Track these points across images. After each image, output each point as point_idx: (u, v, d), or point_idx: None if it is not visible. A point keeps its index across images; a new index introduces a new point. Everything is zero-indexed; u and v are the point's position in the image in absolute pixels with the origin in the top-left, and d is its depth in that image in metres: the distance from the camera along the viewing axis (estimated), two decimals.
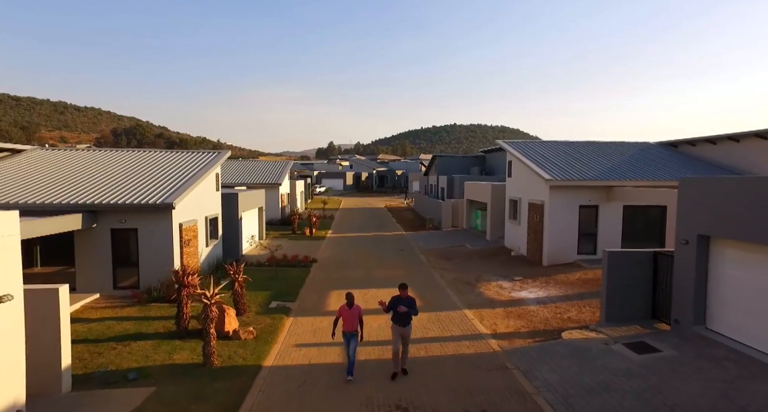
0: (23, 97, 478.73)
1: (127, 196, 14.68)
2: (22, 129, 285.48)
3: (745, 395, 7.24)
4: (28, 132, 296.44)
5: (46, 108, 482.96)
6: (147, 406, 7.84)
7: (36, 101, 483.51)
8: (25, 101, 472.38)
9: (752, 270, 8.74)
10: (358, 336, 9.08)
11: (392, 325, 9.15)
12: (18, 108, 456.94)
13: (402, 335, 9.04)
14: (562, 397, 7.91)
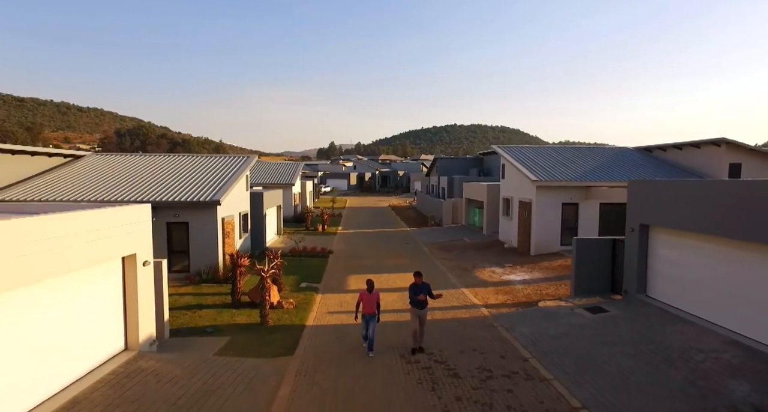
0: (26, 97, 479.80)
1: (180, 195, 17.58)
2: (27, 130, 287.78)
3: (656, 332, 10.17)
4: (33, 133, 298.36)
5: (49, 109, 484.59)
6: (228, 347, 10.74)
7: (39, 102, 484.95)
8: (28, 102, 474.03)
9: (677, 250, 11.64)
10: (376, 318, 10.32)
11: (411, 308, 10.51)
12: (21, 108, 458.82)
13: (419, 316, 10.31)
14: (531, 341, 10.81)
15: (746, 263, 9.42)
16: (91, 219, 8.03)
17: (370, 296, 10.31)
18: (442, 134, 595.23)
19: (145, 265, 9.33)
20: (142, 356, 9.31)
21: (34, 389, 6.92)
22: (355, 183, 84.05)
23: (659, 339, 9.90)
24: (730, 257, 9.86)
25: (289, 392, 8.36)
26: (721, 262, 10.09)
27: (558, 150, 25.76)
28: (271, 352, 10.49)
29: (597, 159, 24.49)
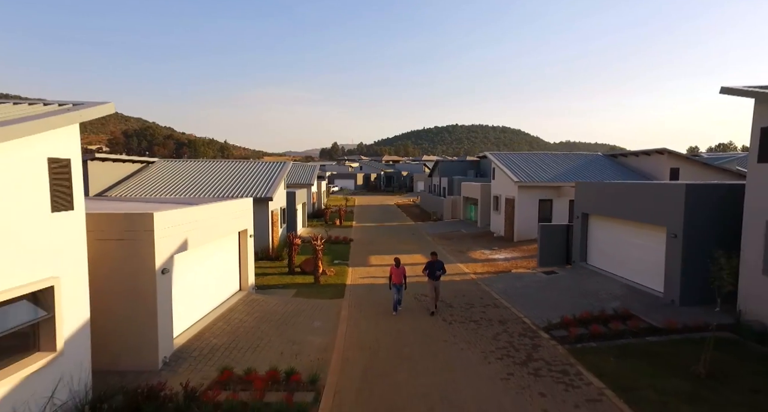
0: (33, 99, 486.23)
1: (242, 192, 22.84)
2: None
3: (582, 283, 15.45)
4: None
5: None
6: (298, 294, 15.96)
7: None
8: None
9: (602, 230, 16.87)
10: (403, 286, 13.34)
11: (428, 280, 13.52)
12: None
13: (435, 286, 13.36)
14: (502, 291, 16.04)
15: (634, 235, 14.66)
16: (230, 207, 13.32)
17: (397, 270, 13.32)
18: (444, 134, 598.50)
19: (250, 237, 14.60)
20: (250, 294, 14.59)
21: (207, 303, 12.19)
22: (361, 183, 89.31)
23: (582, 286, 15.15)
24: (627, 232, 15.10)
25: (347, 314, 13.60)
26: (623, 235, 15.33)
27: (539, 156, 30.98)
28: (328, 296, 15.76)
29: (570, 163, 29.69)
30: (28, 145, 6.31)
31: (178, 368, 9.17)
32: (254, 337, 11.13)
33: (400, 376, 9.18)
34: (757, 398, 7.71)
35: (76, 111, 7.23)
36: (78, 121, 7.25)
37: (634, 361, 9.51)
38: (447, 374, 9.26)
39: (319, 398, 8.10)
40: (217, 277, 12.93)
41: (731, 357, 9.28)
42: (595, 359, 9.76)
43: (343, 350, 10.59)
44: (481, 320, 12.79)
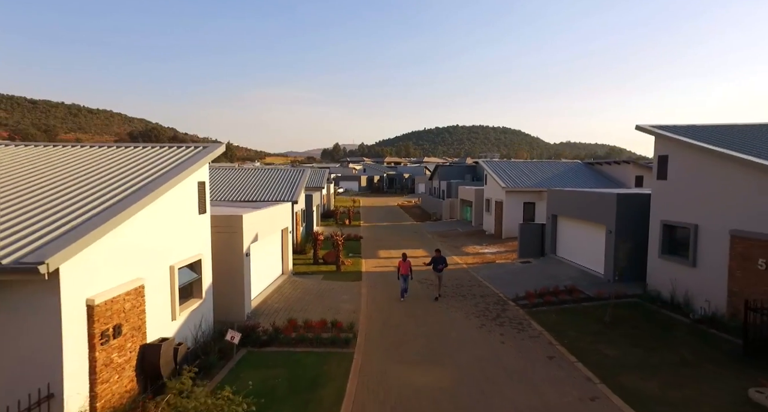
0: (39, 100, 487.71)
1: (271, 195, 27.17)
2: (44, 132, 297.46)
3: (548, 269, 19.82)
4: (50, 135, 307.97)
5: (60, 110, 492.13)
6: (325, 278, 20.31)
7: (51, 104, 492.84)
8: (41, 104, 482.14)
9: (567, 228, 21.20)
10: (409, 276, 16.54)
11: (433, 271, 16.86)
12: (35, 111, 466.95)
13: (439, 276, 16.77)
14: (487, 276, 20.38)
15: (586, 231, 19.01)
16: (278, 209, 17.70)
17: (404, 263, 16.43)
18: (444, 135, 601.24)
19: (290, 232, 18.96)
20: (290, 277, 18.97)
21: (265, 280, 16.55)
22: (365, 185, 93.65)
23: (548, 271, 19.53)
24: (582, 229, 19.45)
25: (366, 291, 17.94)
26: (579, 231, 19.68)
27: (525, 164, 35.34)
28: (350, 279, 20.12)
29: (552, 171, 34.02)
30: (191, 176, 10.69)
31: (257, 319, 13.52)
32: (302, 303, 15.50)
33: (408, 326, 13.55)
34: (633, 332, 12.10)
35: (209, 152, 11.60)
36: (210, 159, 11.60)
37: (568, 316, 13.88)
38: (439, 325, 13.62)
39: (355, 336, 12.46)
40: (269, 262, 17.30)
41: (630, 312, 13.64)
42: (542, 316, 14.13)
43: (366, 311, 14.96)
44: (467, 295, 17.15)
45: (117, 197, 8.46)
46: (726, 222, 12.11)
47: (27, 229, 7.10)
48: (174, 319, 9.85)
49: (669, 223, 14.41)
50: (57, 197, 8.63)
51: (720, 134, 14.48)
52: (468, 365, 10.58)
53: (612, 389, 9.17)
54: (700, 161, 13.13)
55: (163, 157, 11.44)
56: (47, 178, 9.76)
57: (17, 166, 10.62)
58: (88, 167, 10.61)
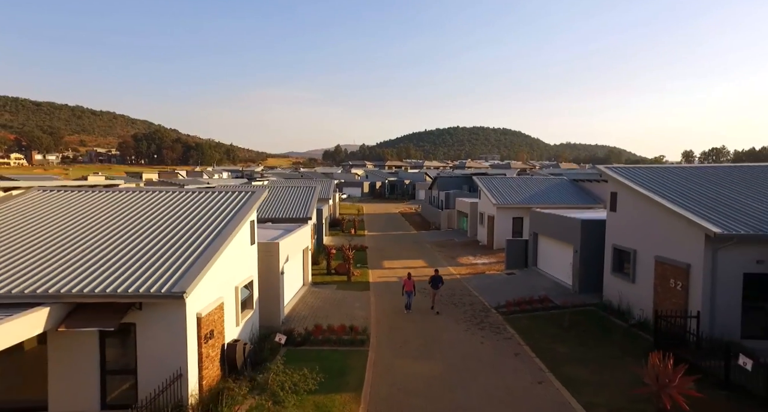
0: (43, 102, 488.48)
1: (285, 212, 30.72)
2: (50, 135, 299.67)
3: (529, 280, 23.41)
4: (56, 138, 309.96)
5: (64, 112, 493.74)
6: (339, 288, 23.88)
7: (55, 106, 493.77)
8: (45, 106, 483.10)
9: (545, 244, 24.78)
10: (413, 293, 19.37)
11: (431, 288, 19.86)
12: (39, 113, 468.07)
13: (436, 292, 19.75)
14: (475, 285, 23.95)
15: (560, 248, 22.58)
16: (302, 231, 21.29)
17: (408, 281, 19.39)
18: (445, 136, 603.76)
19: (310, 251, 22.55)
20: (311, 288, 22.57)
21: (292, 290, 20.14)
22: (367, 191, 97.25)
23: (528, 282, 23.11)
24: (556, 246, 23.01)
25: (374, 300, 21.51)
26: (554, 248, 23.25)
27: (515, 180, 38.96)
28: (359, 289, 23.69)
29: (540, 187, 37.58)
30: (248, 217, 14.29)
31: (289, 325, 17.10)
32: (323, 310, 19.09)
33: (409, 330, 17.13)
34: (583, 334, 15.70)
35: (257, 199, 15.19)
36: (258, 204, 15.18)
37: (536, 322, 17.46)
38: (434, 329, 17.21)
39: (368, 338, 16.03)
40: (295, 275, 20.89)
41: (585, 318, 17.22)
42: (516, 322, 17.70)
43: (376, 317, 18.54)
44: (458, 303, 20.73)
45: (208, 239, 12.07)
46: (652, 249, 15.70)
47: (162, 265, 10.71)
48: (237, 325, 13.45)
49: (617, 247, 18.00)
50: (165, 239, 12.23)
51: (662, 176, 18.05)
52: (454, 359, 14.17)
53: (555, 375, 12.76)
54: (636, 200, 16.72)
55: (220, 201, 15.04)
56: (149, 224, 13.36)
57: (119, 212, 14.23)
58: (172, 212, 14.21)
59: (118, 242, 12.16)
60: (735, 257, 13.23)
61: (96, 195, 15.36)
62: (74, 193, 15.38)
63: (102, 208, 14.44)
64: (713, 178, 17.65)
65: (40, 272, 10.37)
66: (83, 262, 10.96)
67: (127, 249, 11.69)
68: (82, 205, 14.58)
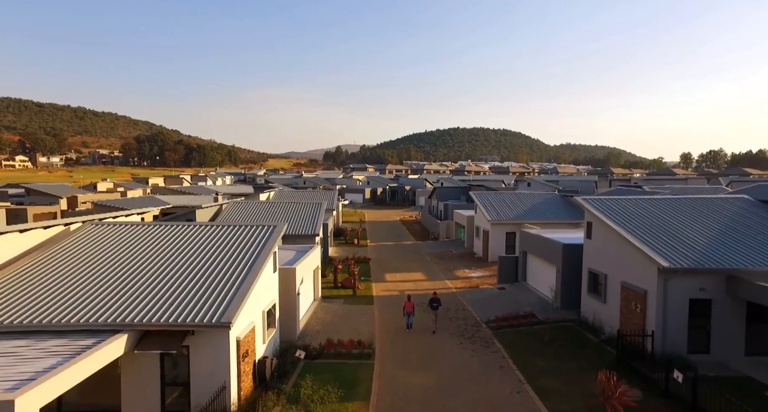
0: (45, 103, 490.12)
1: (296, 228, 33.19)
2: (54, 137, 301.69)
3: (518, 295, 25.93)
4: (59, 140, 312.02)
5: (67, 113, 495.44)
6: (345, 302, 26.35)
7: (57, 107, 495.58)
8: (47, 107, 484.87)
9: (533, 262, 27.27)
10: (413, 314, 21.31)
11: (429, 309, 21.58)
12: (42, 114, 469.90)
13: (435, 313, 21.32)
14: (470, 301, 26.43)
15: (545, 267, 25.07)
16: (314, 252, 23.80)
17: (409, 303, 21.39)
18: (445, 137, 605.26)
19: (320, 269, 25.06)
20: (321, 303, 25.07)
21: (305, 306, 22.65)
22: (369, 197, 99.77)
23: (516, 297, 25.61)
24: (543, 265, 25.50)
25: (378, 314, 24.00)
26: (541, 266, 25.75)
27: (509, 195, 41.48)
28: (364, 303, 26.17)
29: (532, 202, 40.06)
30: (272, 250, 16.78)
31: (305, 339, 19.58)
32: (333, 325, 21.58)
33: (409, 344, 19.62)
34: (560, 348, 18.18)
35: (279, 233, 17.68)
36: (276, 244, 17.67)
37: (521, 336, 19.95)
38: (431, 343, 19.70)
39: (374, 352, 18.51)
40: (307, 293, 23.39)
41: (563, 334, 19.69)
42: (503, 336, 20.18)
43: (380, 332, 21.03)
44: (453, 318, 23.21)
45: (243, 272, 14.58)
46: (619, 275, 18.20)
47: (209, 297, 13.21)
48: (264, 343, 15.95)
49: (592, 270, 20.50)
50: (208, 271, 14.73)
51: (630, 209, 20.51)
52: (447, 371, 16.68)
53: (532, 386, 15.26)
54: (607, 230, 19.21)
55: (248, 235, 17.54)
56: (191, 256, 15.86)
57: (163, 245, 16.72)
58: (208, 245, 16.71)
59: (168, 274, 14.67)
60: (682, 285, 15.73)
61: (142, 229, 17.86)
62: (122, 228, 17.88)
63: (149, 242, 16.94)
64: (674, 211, 20.13)
65: (115, 304, 12.88)
66: (146, 294, 13.47)
67: (178, 281, 14.20)
68: (131, 239, 17.07)
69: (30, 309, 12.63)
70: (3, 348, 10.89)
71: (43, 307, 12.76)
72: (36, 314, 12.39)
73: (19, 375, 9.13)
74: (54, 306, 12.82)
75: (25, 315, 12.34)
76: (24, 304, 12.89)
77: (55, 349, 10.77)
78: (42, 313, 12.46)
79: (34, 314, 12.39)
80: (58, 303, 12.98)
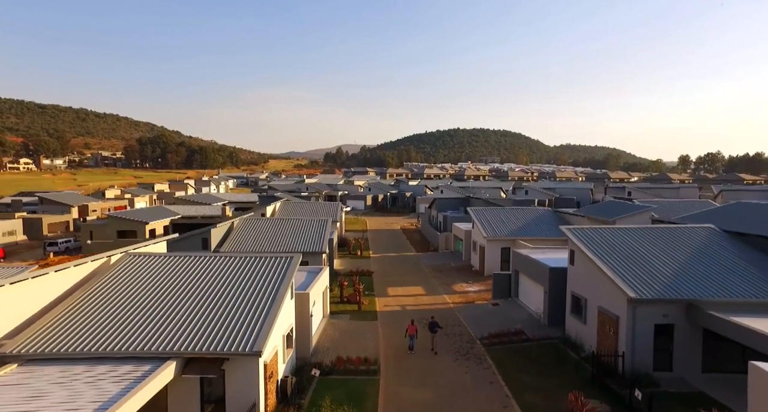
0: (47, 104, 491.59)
1: (303, 245, 35.52)
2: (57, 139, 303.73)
3: (510, 311, 28.27)
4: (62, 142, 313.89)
5: (68, 115, 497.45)
6: (352, 318, 28.69)
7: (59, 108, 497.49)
8: (49, 109, 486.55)
9: (524, 280, 29.62)
10: (415, 336, 22.97)
11: (430, 332, 23.30)
12: (44, 115, 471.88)
13: (434, 336, 23.12)
14: (467, 317, 28.76)
15: (535, 286, 27.41)
16: (324, 274, 26.16)
17: (411, 326, 23.23)
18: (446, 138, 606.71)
19: (328, 289, 27.40)
20: (330, 320, 27.43)
21: (316, 323, 25.00)
22: (370, 203, 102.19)
23: (508, 314, 27.96)
24: (533, 284, 27.84)
25: (382, 331, 26.34)
26: (531, 285, 28.09)
27: (504, 211, 43.84)
28: (369, 319, 28.50)
29: (526, 218, 42.41)
30: (291, 280, 19.12)
31: (317, 356, 21.91)
32: (341, 342, 23.92)
33: (412, 361, 21.97)
34: (544, 365, 20.51)
35: (296, 263, 20.04)
36: (296, 268, 20.02)
37: (510, 353, 22.29)
38: (430, 360, 22.04)
39: (379, 368, 20.85)
40: (318, 311, 25.74)
41: (548, 351, 22.03)
42: (495, 353, 22.52)
43: (384, 348, 23.37)
44: (450, 334, 25.54)
45: (267, 304, 16.92)
46: (597, 300, 20.54)
47: (241, 327, 15.55)
48: (284, 362, 18.30)
49: (574, 294, 22.84)
50: (237, 301, 17.07)
51: (609, 239, 22.84)
52: (444, 387, 19.03)
53: (517, 401, 17.60)
54: (586, 258, 21.54)
55: (268, 265, 19.86)
56: (220, 286, 18.21)
57: (194, 276, 19.07)
58: (234, 274, 19.05)
59: (203, 303, 17.03)
60: (648, 312, 18.07)
61: (175, 260, 20.22)
62: (157, 259, 20.24)
63: (182, 272, 19.30)
64: (645, 241, 22.47)
65: (162, 333, 15.24)
66: (187, 323, 15.84)
67: (213, 311, 16.56)
68: (166, 270, 19.43)
69: (91, 337, 14.99)
70: (74, 374, 13.24)
71: (101, 335, 15.12)
72: (97, 342, 14.75)
73: (100, 396, 11.47)
74: (111, 335, 15.18)
75: (88, 343, 14.70)
76: (85, 333, 15.24)
77: (120, 374, 13.12)
78: (102, 341, 14.82)
79: (95, 342, 14.75)
80: (113, 332, 15.34)
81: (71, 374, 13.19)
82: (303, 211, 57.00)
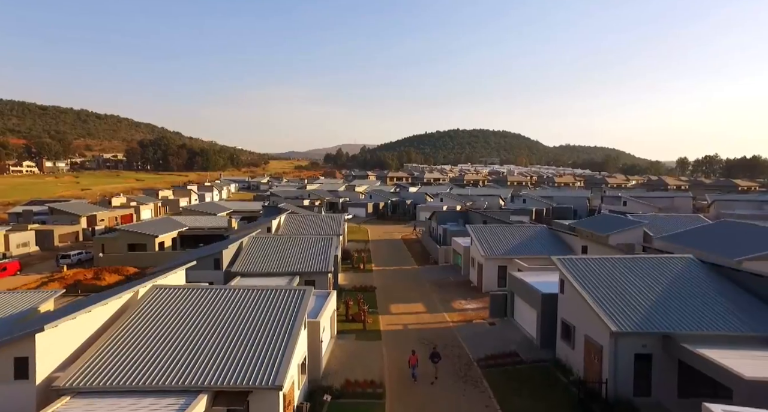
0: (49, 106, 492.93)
1: (309, 265, 37.39)
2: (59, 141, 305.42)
3: (505, 331, 30.20)
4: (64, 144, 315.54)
5: (70, 116, 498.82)
6: (357, 337, 30.57)
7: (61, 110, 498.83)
8: (51, 110, 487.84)
9: (519, 302, 31.51)
10: (418, 366, 24.16)
11: (431, 362, 24.43)
12: (45, 117, 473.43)
13: (435, 365, 24.18)
14: (464, 336, 30.65)
15: (529, 308, 29.31)
16: (332, 298, 28.07)
17: (414, 356, 24.33)
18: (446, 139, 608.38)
19: (335, 312, 29.30)
20: (337, 340, 29.33)
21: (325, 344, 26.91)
22: (371, 211, 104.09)
23: (504, 334, 29.86)
24: (527, 306, 29.73)
25: (386, 352, 28.23)
26: (525, 307, 29.98)
27: (502, 229, 45.76)
28: (373, 339, 30.38)
29: (522, 236, 44.29)
30: (305, 313, 21.01)
31: (327, 379, 23.79)
32: (349, 364, 25.81)
33: (413, 385, 23.86)
34: (535, 388, 22.42)
35: (309, 295, 21.92)
36: (309, 301, 21.91)
37: (504, 375, 24.19)
38: (431, 385, 23.93)
39: (384, 391, 22.75)
40: (326, 334, 27.64)
41: (539, 373, 23.93)
42: (490, 375, 24.42)
43: (388, 371, 25.27)
44: (449, 355, 27.40)
45: (284, 337, 18.80)
46: (584, 329, 22.44)
47: (263, 361, 17.44)
48: (299, 389, 20.21)
49: (564, 321, 24.75)
50: (257, 334, 18.96)
51: (596, 270, 24.72)
52: (444, 410, 20.92)
53: None
54: (575, 289, 23.44)
55: (283, 299, 21.76)
56: (240, 319, 20.10)
57: (216, 309, 20.96)
58: (252, 308, 20.94)
59: (226, 336, 18.94)
60: (629, 343, 19.97)
61: (198, 293, 22.13)
62: (181, 293, 22.15)
63: (204, 305, 21.21)
64: (629, 271, 24.39)
65: (193, 367, 17.15)
66: (213, 357, 17.75)
67: (236, 345, 18.48)
68: (190, 303, 21.33)
69: (132, 371, 16.89)
70: (121, 407, 15.13)
71: (140, 370, 17.02)
72: (137, 376, 16.65)
73: None
74: (148, 369, 17.08)
75: (130, 377, 16.60)
76: (126, 367, 17.15)
77: (161, 407, 15.01)
78: (141, 375, 16.73)
79: (135, 376, 16.65)
80: (150, 366, 17.25)
81: (119, 407, 15.09)
82: (307, 225, 58.87)
